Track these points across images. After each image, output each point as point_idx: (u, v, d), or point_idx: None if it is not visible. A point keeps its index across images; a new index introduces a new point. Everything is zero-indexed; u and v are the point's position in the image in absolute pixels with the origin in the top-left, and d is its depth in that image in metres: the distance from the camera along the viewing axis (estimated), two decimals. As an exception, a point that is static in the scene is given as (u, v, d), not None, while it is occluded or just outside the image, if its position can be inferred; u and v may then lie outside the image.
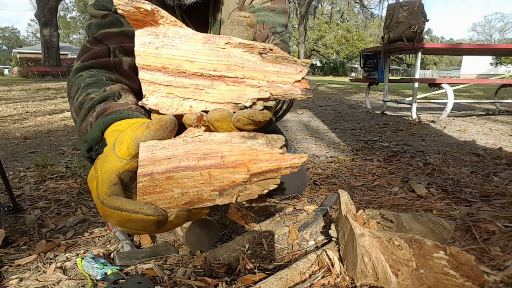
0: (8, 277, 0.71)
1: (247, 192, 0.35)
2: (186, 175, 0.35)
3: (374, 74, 3.79)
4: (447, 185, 1.22)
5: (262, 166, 0.34)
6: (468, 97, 6.49)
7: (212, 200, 0.36)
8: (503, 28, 50.80)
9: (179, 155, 0.36)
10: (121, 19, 0.77)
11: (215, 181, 0.35)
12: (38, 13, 13.36)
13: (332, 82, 14.83)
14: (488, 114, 3.78)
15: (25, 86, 8.78)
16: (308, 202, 1.11)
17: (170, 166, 0.35)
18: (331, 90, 9.14)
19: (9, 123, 3.12)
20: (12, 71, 23.37)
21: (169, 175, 0.35)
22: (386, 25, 3.25)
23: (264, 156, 0.35)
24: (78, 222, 1.00)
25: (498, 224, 0.84)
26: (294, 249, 0.81)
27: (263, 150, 0.35)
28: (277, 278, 0.62)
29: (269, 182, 0.35)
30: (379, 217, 0.80)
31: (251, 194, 0.35)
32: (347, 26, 38.24)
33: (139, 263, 0.75)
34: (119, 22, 0.77)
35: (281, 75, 0.36)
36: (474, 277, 0.54)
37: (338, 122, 3.20)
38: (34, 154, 1.94)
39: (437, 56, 39.03)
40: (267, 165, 0.34)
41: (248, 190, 0.35)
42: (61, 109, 4.28)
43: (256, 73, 0.36)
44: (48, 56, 14.20)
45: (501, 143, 2.09)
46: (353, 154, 1.82)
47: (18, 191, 1.27)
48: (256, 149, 0.35)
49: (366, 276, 0.59)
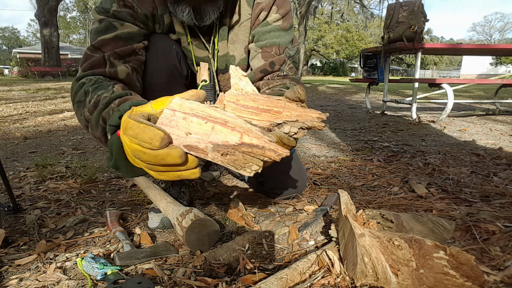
0: (8, 277, 0.71)
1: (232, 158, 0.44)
2: (197, 120, 0.46)
3: (374, 74, 3.79)
4: (447, 185, 1.22)
5: (252, 140, 0.44)
6: (468, 97, 6.49)
7: (205, 153, 0.45)
8: (503, 28, 50.83)
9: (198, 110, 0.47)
10: (114, 23, 0.80)
11: (214, 134, 0.45)
12: (38, 13, 13.36)
13: (332, 82, 14.83)
14: (488, 114, 3.78)
15: (25, 86, 8.78)
16: (308, 202, 1.11)
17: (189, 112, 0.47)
18: (331, 90, 9.14)
19: (9, 123, 3.12)
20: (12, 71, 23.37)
21: (185, 116, 0.46)
22: (386, 25, 3.25)
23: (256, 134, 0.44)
24: (78, 222, 1.00)
25: (498, 224, 0.84)
26: (294, 249, 0.81)
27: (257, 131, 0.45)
28: (277, 278, 0.62)
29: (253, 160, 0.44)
30: (379, 217, 0.80)
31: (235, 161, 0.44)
32: (347, 26, 38.24)
33: (139, 263, 0.75)
34: (113, 27, 0.79)
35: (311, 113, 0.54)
36: (474, 277, 0.54)
37: (338, 122, 3.20)
38: (34, 154, 1.94)
39: (437, 56, 39.03)
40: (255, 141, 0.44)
41: (234, 156, 0.44)
42: (61, 109, 4.28)
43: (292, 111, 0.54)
44: (48, 56, 14.20)
45: (501, 143, 2.09)
46: (353, 154, 1.83)
47: (18, 191, 1.27)
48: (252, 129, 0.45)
49: (366, 276, 0.59)
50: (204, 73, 0.95)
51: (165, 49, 0.91)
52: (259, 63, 0.91)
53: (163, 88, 0.90)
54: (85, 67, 0.76)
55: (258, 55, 0.92)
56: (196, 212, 0.82)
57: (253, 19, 0.93)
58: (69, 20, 49.01)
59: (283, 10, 0.92)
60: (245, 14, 0.93)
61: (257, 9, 0.92)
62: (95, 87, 0.69)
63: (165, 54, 0.90)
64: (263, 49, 0.91)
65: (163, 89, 0.90)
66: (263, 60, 0.91)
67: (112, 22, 0.79)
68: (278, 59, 0.90)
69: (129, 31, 0.81)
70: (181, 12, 0.82)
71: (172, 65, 0.91)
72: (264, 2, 0.91)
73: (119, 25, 0.80)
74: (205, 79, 0.95)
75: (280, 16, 0.91)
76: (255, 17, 0.92)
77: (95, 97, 0.67)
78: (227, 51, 0.97)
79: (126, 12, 0.81)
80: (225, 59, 0.98)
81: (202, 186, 1.32)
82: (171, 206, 0.88)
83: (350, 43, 37.60)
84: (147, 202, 1.15)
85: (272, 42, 0.90)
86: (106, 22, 0.79)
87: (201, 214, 0.82)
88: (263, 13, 0.91)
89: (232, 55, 0.98)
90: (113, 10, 0.81)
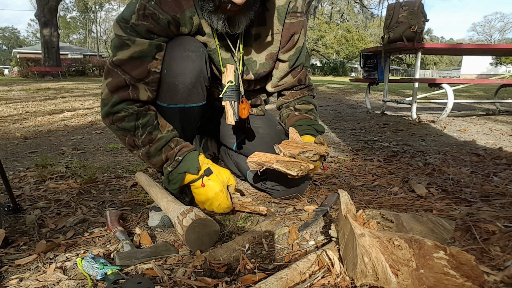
0: (8, 277, 0.71)
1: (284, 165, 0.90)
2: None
3: (374, 74, 3.79)
4: (447, 185, 1.22)
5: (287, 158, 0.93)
6: (468, 97, 6.49)
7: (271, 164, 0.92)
8: (503, 28, 50.81)
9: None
10: (127, 41, 0.85)
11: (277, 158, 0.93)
12: (38, 13, 13.36)
13: (332, 82, 14.83)
14: (488, 114, 3.78)
15: (25, 86, 8.78)
16: (308, 202, 1.11)
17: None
18: (331, 90, 9.14)
19: (9, 123, 3.12)
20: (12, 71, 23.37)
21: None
22: (386, 25, 3.25)
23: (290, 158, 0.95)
24: (78, 222, 1.00)
25: (498, 224, 0.84)
26: (294, 249, 0.81)
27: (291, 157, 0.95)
28: (277, 278, 0.62)
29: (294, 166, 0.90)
30: (379, 217, 0.80)
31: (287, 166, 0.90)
32: (347, 26, 38.23)
33: (139, 263, 0.75)
34: (126, 45, 0.85)
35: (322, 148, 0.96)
36: (474, 277, 0.54)
37: (338, 122, 3.20)
38: (34, 154, 1.94)
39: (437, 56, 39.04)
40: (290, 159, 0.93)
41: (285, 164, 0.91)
42: (61, 109, 4.28)
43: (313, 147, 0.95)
44: (48, 56, 14.20)
45: (501, 143, 2.09)
46: (353, 154, 1.83)
47: (18, 191, 1.27)
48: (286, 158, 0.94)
49: (366, 276, 0.59)
50: (230, 74, 0.98)
51: (195, 51, 0.92)
52: (289, 80, 1.14)
53: (188, 89, 0.93)
54: (111, 88, 0.87)
55: (289, 75, 1.12)
56: (197, 211, 0.82)
57: (285, 36, 1.04)
58: (69, 20, 49.00)
59: (305, 31, 1.08)
60: (275, 29, 1.02)
61: (290, 30, 1.03)
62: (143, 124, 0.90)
63: (195, 56, 0.91)
64: (293, 69, 1.11)
65: (187, 90, 0.93)
66: (292, 78, 1.13)
67: (125, 41, 0.85)
68: (302, 74, 1.15)
69: (140, 49, 0.85)
70: (217, 21, 0.85)
71: (199, 66, 0.92)
72: (296, 25, 1.03)
73: (131, 43, 0.85)
74: (231, 80, 0.97)
75: (304, 38, 1.08)
76: (289, 36, 1.04)
77: (146, 133, 0.90)
78: (250, 56, 1.05)
79: (143, 26, 0.85)
80: (247, 63, 1.06)
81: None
82: (172, 204, 0.88)
83: (350, 43, 37.59)
84: (147, 202, 1.15)
85: (300, 63, 1.11)
86: (120, 39, 0.86)
87: (201, 214, 0.82)
88: (296, 35, 1.05)
89: (255, 61, 1.06)
90: (132, 23, 0.85)
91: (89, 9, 41.76)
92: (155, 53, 0.88)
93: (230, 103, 0.98)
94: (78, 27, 49.67)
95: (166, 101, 0.94)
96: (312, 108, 1.16)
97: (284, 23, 1.02)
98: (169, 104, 0.94)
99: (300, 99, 1.17)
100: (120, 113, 0.88)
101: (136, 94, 0.88)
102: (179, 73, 0.90)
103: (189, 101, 0.95)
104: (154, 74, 0.89)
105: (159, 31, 0.87)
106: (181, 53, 0.90)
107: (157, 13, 0.85)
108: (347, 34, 37.87)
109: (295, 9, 1.02)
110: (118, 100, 0.87)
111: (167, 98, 0.94)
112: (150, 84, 0.89)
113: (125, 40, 0.85)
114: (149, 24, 0.85)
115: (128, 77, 0.86)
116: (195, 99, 0.96)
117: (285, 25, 1.02)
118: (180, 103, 0.94)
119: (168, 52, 0.91)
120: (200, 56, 0.92)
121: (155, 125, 0.91)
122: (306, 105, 1.16)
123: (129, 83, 0.87)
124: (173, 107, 0.95)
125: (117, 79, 0.86)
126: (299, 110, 1.15)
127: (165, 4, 0.86)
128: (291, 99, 1.18)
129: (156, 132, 0.90)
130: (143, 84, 0.88)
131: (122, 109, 0.88)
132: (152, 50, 0.87)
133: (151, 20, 0.85)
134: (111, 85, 0.87)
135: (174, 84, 0.91)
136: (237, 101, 0.99)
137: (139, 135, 0.90)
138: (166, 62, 0.90)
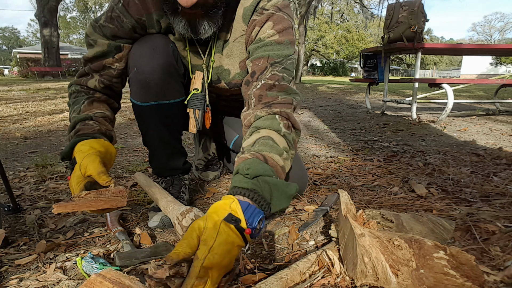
0: (8, 277, 0.71)
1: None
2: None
3: (374, 74, 3.79)
4: (447, 185, 1.22)
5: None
6: (468, 97, 6.49)
7: None
8: (503, 28, 50.81)
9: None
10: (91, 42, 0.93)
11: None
12: (38, 13, 13.36)
13: (332, 82, 14.83)
14: (488, 114, 3.78)
15: (25, 86, 8.78)
16: (308, 202, 1.11)
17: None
18: (331, 90, 9.14)
19: (9, 123, 3.12)
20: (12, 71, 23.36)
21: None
22: (386, 25, 3.25)
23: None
24: (78, 222, 1.00)
25: (498, 224, 0.84)
26: (294, 249, 0.81)
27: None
28: (277, 278, 0.62)
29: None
30: (379, 217, 0.80)
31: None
32: (347, 26, 38.23)
33: (139, 263, 0.75)
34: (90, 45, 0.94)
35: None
36: (474, 277, 0.54)
37: (338, 122, 3.20)
38: (34, 154, 1.94)
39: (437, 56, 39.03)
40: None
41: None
42: (61, 109, 4.28)
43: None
44: (48, 56, 14.20)
45: (501, 143, 2.09)
46: (353, 154, 1.83)
47: (18, 191, 1.27)
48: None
49: (366, 276, 0.59)
50: (197, 81, 0.98)
51: (163, 46, 0.92)
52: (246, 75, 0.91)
53: (160, 85, 0.92)
54: (77, 74, 0.97)
55: (249, 69, 0.90)
56: (197, 211, 0.82)
57: (247, 35, 0.91)
58: (69, 20, 48.99)
59: (280, 26, 0.86)
60: (240, 31, 0.93)
61: (251, 25, 0.90)
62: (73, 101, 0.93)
63: (163, 51, 0.91)
64: (253, 62, 0.87)
65: (159, 86, 0.92)
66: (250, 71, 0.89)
67: (89, 41, 0.93)
68: (259, 68, 0.85)
69: (101, 50, 0.92)
70: (177, 24, 0.83)
71: (168, 62, 0.92)
72: (259, 19, 0.88)
73: (94, 44, 0.92)
74: (197, 88, 0.98)
75: (276, 32, 0.86)
76: (249, 33, 0.90)
77: (71, 111, 0.91)
78: (221, 64, 0.99)
79: (109, 28, 0.91)
80: (218, 71, 1.00)
81: (202, 186, 1.32)
82: (171, 205, 0.88)
83: (350, 43, 37.59)
84: (147, 202, 1.15)
85: (262, 55, 0.86)
86: (87, 39, 0.94)
87: (201, 214, 0.81)
88: (256, 28, 0.88)
89: (227, 69, 0.98)
90: (100, 23, 0.91)
91: (89, 9, 41.75)
92: (114, 54, 0.93)
93: (194, 111, 0.98)
94: (78, 27, 49.65)
95: (142, 99, 0.95)
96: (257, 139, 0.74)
97: (248, 21, 0.90)
98: (144, 102, 0.95)
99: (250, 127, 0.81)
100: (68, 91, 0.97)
101: (85, 81, 0.94)
102: (149, 70, 0.90)
103: (165, 98, 0.95)
104: (109, 69, 0.95)
105: (122, 34, 0.92)
106: (149, 50, 0.91)
107: (122, 16, 0.89)
108: (347, 34, 37.87)
109: (263, 6, 0.88)
110: (73, 81, 0.96)
111: (142, 96, 0.94)
112: (103, 76, 0.94)
113: (89, 41, 0.93)
114: (114, 27, 0.90)
115: (87, 68, 0.94)
116: (171, 95, 0.96)
117: (249, 23, 0.90)
118: (156, 100, 0.95)
119: (136, 50, 0.93)
120: (168, 52, 0.92)
121: (80, 105, 0.91)
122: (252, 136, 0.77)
123: (88, 72, 0.94)
124: (149, 105, 0.95)
125: (81, 70, 0.96)
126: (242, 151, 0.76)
127: (132, 6, 0.89)
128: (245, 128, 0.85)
129: (76, 112, 0.91)
130: (98, 75, 0.94)
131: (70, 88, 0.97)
132: (111, 51, 0.92)
133: (116, 23, 0.90)
134: (78, 73, 0.97)
135: (145, 81, 0.91)
136: (201, 109, 0.99)
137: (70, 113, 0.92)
138: (134, 60, 0.92)
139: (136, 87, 0.94)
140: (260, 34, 0.88)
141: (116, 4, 0.89)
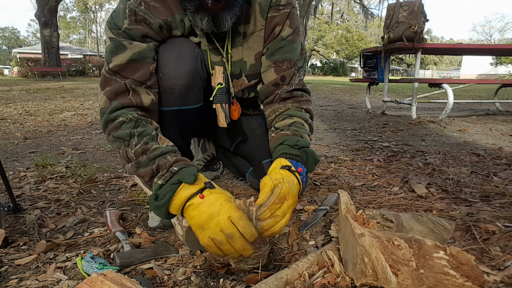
0: (8, 277, 0.71)
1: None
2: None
3: (374, 74, 3.79)
4: (447, 185, 1.22)
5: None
6: (468, 97, 6.49)
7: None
8: (503, 28, 50.80)
9: None
10: (124, 42, 0.82)
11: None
12: (38, 13, 13.36)
13: (332, 82, 14.83)
14: (488, 114, 3.78)
15: (25, 86, 8.78)
16: (308, 202, 1.11)
17: None
18: (331, 90, 9.14)
19: (9, 123, 3.12)
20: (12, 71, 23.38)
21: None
22: (386, 25, 3.25)
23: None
24: (78, 222, 1.00)
25: (498, 224, 0.84)
26: (294, 249, 0.81)
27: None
28: (277, 278, 0.62)
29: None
30: (379, 217, 0.80)
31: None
32: (347, 26, 38.24)
33: (139, 263, 0.75)
34: (122, 46, 0.82)
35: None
36: (474, 277, 0.54)
37: (338, 122, 3.20)
38: (34, 154, 1.94)
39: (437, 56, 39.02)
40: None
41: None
42: (61, 109, 4.28)
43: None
44: (48, 56, 14.19)
45: (501, 143, 2.09)
46: (353, 154, 1.83)
47: (18, 191, 1.27)
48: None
49: (366, 276, 0.59)
50: (219, 76, 0.97)
51: (189, 52, 0.90)
52: (272, 77, 0.98)
53: (184, 91, 0.91)
54: (109, 95, 0.80)
55: (271, 69, 0.98)
56: (196, 212, 0.82)
57: (268, 31, 0.97)
58: (69, 20, 49.00)
59: (294, 24, 0.97)
60: (259, 25, 0.96)
61: (272, 23, 0.95)
62: (140, 132, 0.77)
63: (189, 57, 0.90)
64: (276, 64, 0.97)
65: (183, 92, 0.91)
66: (275, 74, 0.98)
67: (122, 42, 0.82)
68: (288, 73, 0.97)
69: (139, 50, 0.83)
70: (200, 20, 0.83)
71: (194, 68, 0.91)
72: (278, 17, 0.95)
73: (129, 44, 0.82)
74: (221, 82, 0.96)
75: (292, 30, 0.96)
76: (270, 30, 0.96)
77: (141, 143, 0.76)
78: (241, 56, 1.00)
79: (137, 29, 0.83)
80: (240, 65, 1.01)
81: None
82: (171, 206, 0.88)
83: (350, 43, 37.60)
84: (147, 202, 1.15)
85: (284, 57, 0.96)
86: (115, 41, 0.82)
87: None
88: (278, 27, 0.96)
89: (245, 61, 1.01)
90: (124, 28, 0.82)
91: (89, 9, 41.76)
92: (154, 55, 0.86)
93: (221, 105, 0.97)
94: (78, 27, 49.69)
95: (162, 105, 0.92)
96: (293, 122, 0.94)
97: (267, 17, 0.95)
98: (165, 107, 0.93)
99: (282, 114, 0.98)
100: (118, 119, 0.78)
101: (138, 99, 0.81)
102: (175, 75, 0.88)
103: (185, 103, 0.94)
104: (155, 76, 0.86)
105: (153, 35, 0.86)
106: (176, 55, 0.89)
107: (148, 17, 0.84)
108: (347, 34, 37.89)
109: (278, 2, 0.95)
110: (118, 105, 0.79)
111: (163, 101, 0.92)
112: (152, 87, 0.85)
113: (121, 42, 0.81)
114: (143, 28, 0.84)
115: (129, 81, 0.81)
116: (191, 101, 0.95)
117: (268, 19, 0.95)
118: (176, 106, 0.93)
119: (162, 54, 0.89)
120: (195, 58, 0.91)
121: (153, 136, 0.78)
122: (286, 120, 0.95)
123: (129, 88, 0.81)
124: (169, 110, 0.93)
125: (116, 85, 0.80)
126: (277, 129, 0.95)
127: (154, 9, 0.85)
128: (273, 116, 1.00)
129: (152, 143, 0.77)
130: (145, 88, 0.83)
131: (121, 115, 0.78)
132: (151, 51, 0.85)
133: (144, 24, 0.84)
134: (109, 92, 0.80)
135: (170, 87, 0.89)
136: (227, 103, 0.98)
137: (133, 145, 0.76)
138: (160, 65, 0.88)
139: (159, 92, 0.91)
140: (282, 32, 0.97)
141: (137, 7, 0.84)
